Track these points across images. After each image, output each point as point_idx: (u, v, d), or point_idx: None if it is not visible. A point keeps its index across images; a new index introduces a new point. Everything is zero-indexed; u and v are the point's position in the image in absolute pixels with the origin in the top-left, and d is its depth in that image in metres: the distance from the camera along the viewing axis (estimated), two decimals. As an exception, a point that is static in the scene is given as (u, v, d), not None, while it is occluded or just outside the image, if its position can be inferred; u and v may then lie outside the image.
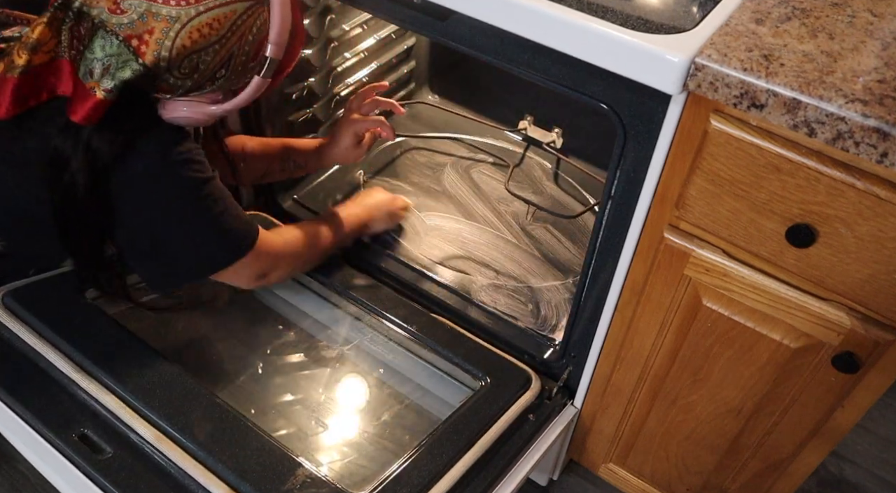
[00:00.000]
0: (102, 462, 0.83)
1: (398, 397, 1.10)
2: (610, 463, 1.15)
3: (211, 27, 0.75)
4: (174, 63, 0.76)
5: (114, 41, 0.74)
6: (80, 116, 0.75)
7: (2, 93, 0.74)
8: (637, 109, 0.75)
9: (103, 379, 0.90)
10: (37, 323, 0.95)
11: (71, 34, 0.74)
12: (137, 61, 0.74)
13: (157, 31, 0.73)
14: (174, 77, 0.77)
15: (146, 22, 0.73)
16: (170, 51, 0.74)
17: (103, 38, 0.74)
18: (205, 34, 0.75)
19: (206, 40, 0.76)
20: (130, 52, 0.74)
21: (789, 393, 0.84)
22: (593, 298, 0.95)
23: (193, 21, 0.74)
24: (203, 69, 0.78)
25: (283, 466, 0.85)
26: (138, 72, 0.74)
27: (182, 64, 0.76)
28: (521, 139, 1.46)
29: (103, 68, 0.74)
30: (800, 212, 0.70)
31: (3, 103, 0.74)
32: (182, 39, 0.74)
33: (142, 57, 0.74)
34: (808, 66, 0.64)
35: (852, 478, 1.32)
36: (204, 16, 0.74)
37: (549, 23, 0.72)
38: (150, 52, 0.74)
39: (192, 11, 0.74)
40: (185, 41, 0.74)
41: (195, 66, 0.77)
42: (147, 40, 0.73)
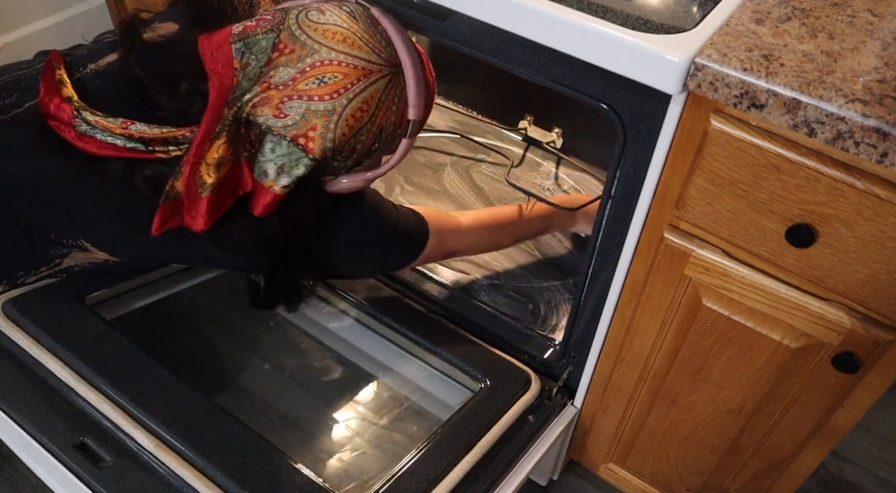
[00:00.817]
0: (101, 471, 0.83)
1: (398, 399, 1.09)
2: (610, 463, 1.15)
3: (362, 110, 0.81)
4: (338, 150, 0.82)
5: (283, 143, 0.80)
6: (260, 211, 0.82)
7: (197, 210, 0.79)
8: (637, 109, 0.75)
9: (102, 387, 0.90)
10: (36, 331, 0.95)
11: (241, 140, 0.80)
12: (308, 157, 0.80)
13: (320, 126, 0.80)
14: (338, 161, 0.84)
15: (308, 120, 0.79)
16: (333, 141, 0.81)
17: (272, 142, 0.80)
18: (358, 118, 0.81)
19: (360, 123, 0.82)
20: (300, 150, 0.80)
21: (789, 393, 0.84)
22: (593, 298, 0.95)
23: (347, 109, 0.80)
24: (360, 148, 0.84)
25: (282, 472, 0.85)
26: (311, 167, 0.81)
27: (343, 149, 0.83)
28: (521, 139, 1.46)
29: (277, 168, 0.80)
30: (800, 212, 0.70)
31: (199, 219, 0.80)
32: (341, 128, 0.81)
33: (311, 153, 0.80)
34: (808, 66, 0.64)
35: (852, 478, 1.32)
36: (354, 102, 0.80)
37: (549, 23, 0.72)
38: (318, 147, 0.80)
39: (343, 101, 0.80)
40: (343, 129, 0.81)
41: (353, 147, 0.83)
42: (312, 136, 0.80)
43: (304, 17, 0.81)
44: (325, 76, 0.79)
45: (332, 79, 0.79)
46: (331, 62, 0.79)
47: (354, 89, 0.80)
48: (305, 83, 0.79)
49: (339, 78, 0.79)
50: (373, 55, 0.81)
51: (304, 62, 0.79)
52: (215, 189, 0.79)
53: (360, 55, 0.80)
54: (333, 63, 0.79)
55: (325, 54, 0.79)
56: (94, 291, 1.04)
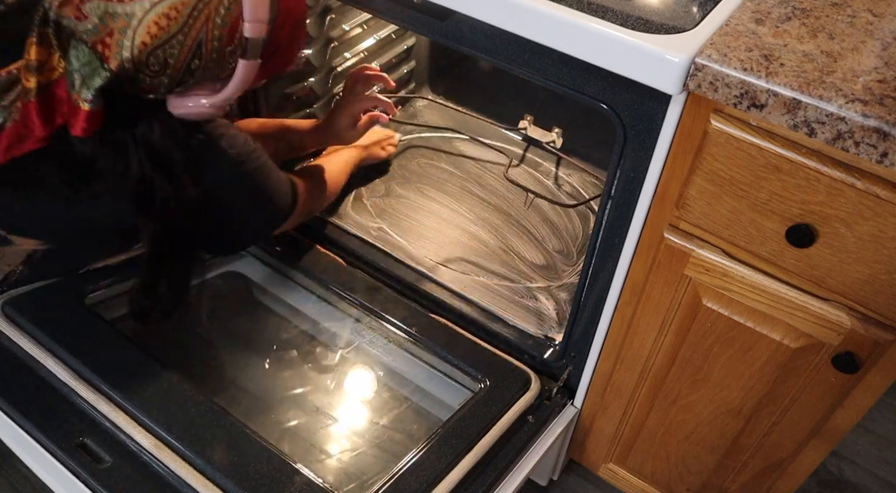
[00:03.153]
0: (101, 471, 0.83)
1: (398, 400, 1.09)
2: (610, 463, 1.15)
3: (169, 18, 0.71)
4: (139, 63, 0.72)
5: (84, 50, 0.71)
6: (78, 129, 0.73)
7: (29, 117, 0.73)
8: (637, 109, 0.75)
9: (102, 387, 0.90)
10: (36, 331, 0.95)
11: (60, 48, 0.72)
12: (104, 67, 0.71)
13: (116, 32, 0.70)
14: (147, 76, 0.74)
15: (106, 25, 0.70)
16: (131, 51, 0.71)
17: (76, 48, 0.71)
18: (163, 26, 0.71)
19: (165, 33, 0.71)
20: (98, 59, 0.71)
21: (789, 393, 0.84)
22: (593, 298, 0.95)
23: (149, 14, 0.70)
24: (174, 63, 0.73)
25: (281, 473, 0.85)
26: (108, 78, 0.71)
27: (148, 61, 0.72)
28: (521, 139, 1.46)
29: (81, 79, 0.72)
30: (800, 212, 0.70)
31: (34, 127, 0.74)
32: (141, 37, 0.70)
33: (107, 62, 0.71)
34: (809, 66, 0.64)
35: (852, 478, 1.32)
36: (159, 6, 0.70)
37: (549, 23, 0.72)
38: (113, 55, 0.70)
39: (146, 4, 0.70)
40: (143, 38, 0.71)
41: (163, 61, 0.73)
42: (109, 43, 0.70)
43: None
44: None
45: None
46: None
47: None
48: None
49: None
50: None
51: None
52: (40, 94, 0.72)
53: None
54: None
55: None
56: (94, 291, 1.04)
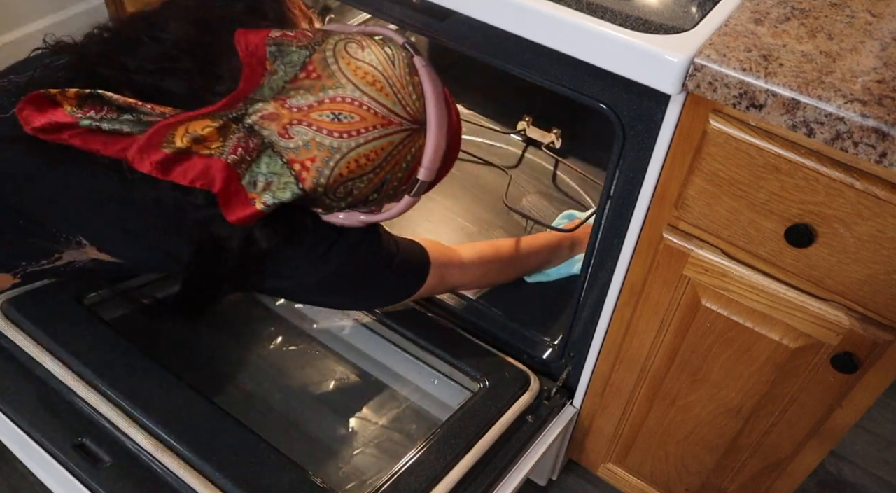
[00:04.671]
0: (100, 472, 0.83)
1: (397, 399, 1.09)
2: (609, 463, 1.15)
3: (368, 158, 0.78)
4: (330, 189, 0.79)
5: (279, 162, 0.77)
6: (236, 218, 0.78)
7: (149, 155, 0.75)
8: (636, 110, 0.75)
9: (102, 388, 0.90)
10: (35, 331, 0.95)
11: (237, 143, 0.77)
12: (298, 186, 0.78)
13: (319, 159, 0.77)
14: (329, 199, 0.81)
15: (310, 150, 0.76)
16: (328, 179, 0.78)
17: (269, 157, 0.77)
18: (361, 165, 0.78)
19: (361, 170, 0.79)
20: (292, 176, 0.77)
21: (788, 393, 0.84)
22: (592, 298, 0.95)
23: (353, 152, 0.77)
24: (356, 194, 0.81)
25: (281, 472, 0.85)
26: (297, 195, 0.78)
27: (338, 189, 0.80)
28: (520, 140, 1.46)
29: (265, 183, 0.78)
30: (799, 212, 0.70)
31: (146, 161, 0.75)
32: (340, 169, 0.78)
33: (302, 182, 0.78)
34: (807, 66, 0.64)
35: (851, 478, 1.32)
36: (363, 147, 0.78)
37: (549, 23, 0.72)
38: (310, 178, 0.77)
39: (352, 143, 0.77)
40: (342, 171, 0.78)
41: (349, 191, 0.81)
42: (308, 167, 0.77)
43: (342, 47, 0.78)
44: (341, 113, 0.76)
45: (347, 118, 0.77)
46: (352, 101, 0.77)
47: (367, 136, 0.77)
48: (320, 114, 0.76)
49: (356, 119, 0.77)
50: (398, 106, 0.79)
51: (326, 93, 0.76)
52: (177, 154, 0.75)
53: (384, 103, 0.78)
54: (355, 103, 0.77)
55: (349, 91, 0.77)
56: (93, 291, 1.04)
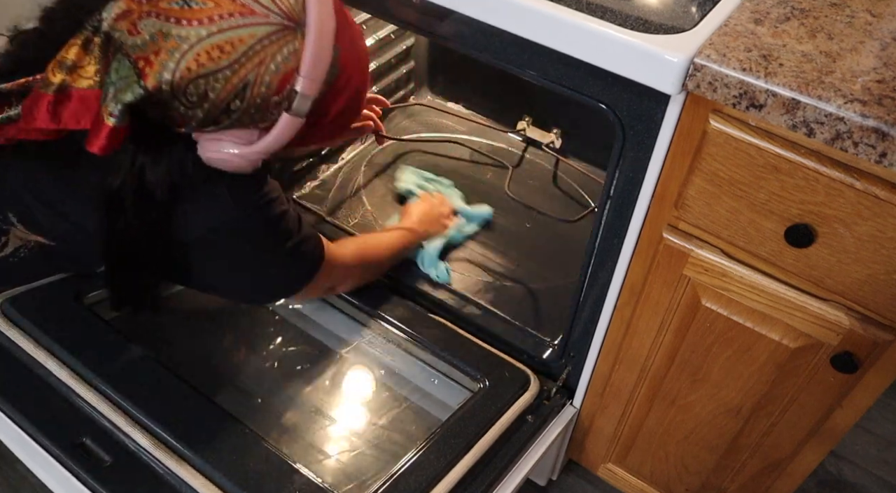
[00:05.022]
0: (101, 471, 0.83)
1: (397, 400, 1.09)
2: (609, 463, 1.15)
3: (222, 50, 0.69)
4: (178, 88, 0.69)
5: (126, 64, 0.68)
6: (96, 146, 0.69)
7: (37, 108, 0.70)
8: (636, 110, 0.75)
9: (101, 387, 0.90)
10: (35, 331, 0.95)
11: (104, 59, 0.70)
12: (139, 84, 0.68)
13: (164, 51, 0.68)
14: (182, 105, 0.70)
15: (156, 42, 0.68)
16: (173, 73, 0.68)
17: (118, 61, 0.69)
18: (213, 57, 0.69)
19: (214, 64, 0.69)
20: (135, 74, 0.68)
21: (788, 393, 0.84)
22: (592, 298, 0.95)
23: (203, 42, 0.68)
24: (213, 98, 0.70)
25: (281, 473, 0.85)
26: (140, 95, 0.68)
27: (187, 89, 0.69)
28: (520, 140, 1.46)
29: (114, 92, 0.69)
30: (799, 212, 0.70)
31: (38, 117, 0.70)
32: (187, 61, 0.68)
33: (144, 79, 0.68)
34: (807, 66, 0.64)
35: (851, 478, 1.32)
36: (216, 37, 0.68)
37: (549, 23, 0.72)
38: (154, 73, 0.68)
39: (203, 32, 0.68)
40: (189, 64, 0.68)
41: (203, 93, 0.70)
42: (152, 61, 0.68)
43: None
44: None
45: (199, 4, 0.68)
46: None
47: (220, 24, 0.68)
48: (169, 2, 0.68)
49: (210, 6, 0.68)
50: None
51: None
52: (59, 91, 0.69)
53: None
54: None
55: None
56: (93, 291, 1.04)
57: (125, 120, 0.68)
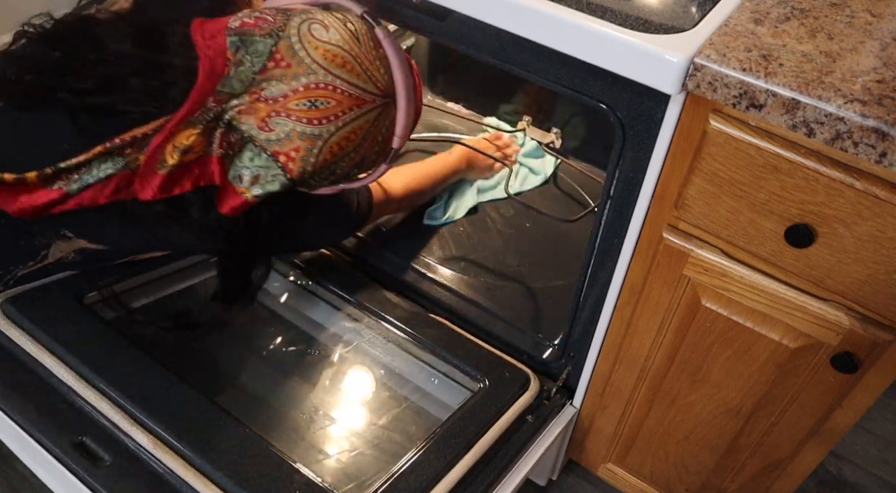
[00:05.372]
0: (100, 470, 0.83)
1: (397, 400, 1.09)
2: (609, 463, 1.15)
3: (348, 140, 0.81)
4: (316, 173, 0.83)
5: (263, 155, 0.80)
6: (228, 210, 0.82)
7: (148, 183, 0.78)
8: (636, 109, 0.75)
9: (101, 387, 0.90)
10: (35, 330, 0.95)
11: (220, 139, 0.79)
12: (286, 176, 0.81)
13: (303, 149, 0.79)
14: (314, 181, 0.85)
15: (292, 140, 0.79)
16: (314, 166, 0.81)
17: (252, 151, 0.80)
18: (343, 147, 0.81)
19: (343, 152, 0.82)
20: (279, 168, 0.80)
21: (788, 393, 0.84)
22: (592, 298, 0.95)
23: (333, 137, 0.80)
24: (339, 173, 0.85)
25: (281, 472, 0.85)
26: (286, 185, 0.81)
27: (322, 173, 0.83)
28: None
29: (252, 177, 0.80)
30: (799, 212, 0.70)
31: (148, 191, 0.78)
32: (324, 155, 0.81)
33: (290, 173, 0.80)
34: (807, 66, 0.64)
35: (851, 478, 1.32)
36: (343, 130, 0.80)
37: (549, 23, 0.72)
38: (297, 168, 0.80)
39: (332, 129, 0.79)
40: (326, 156, 0.81)
41: (333, 171, 0.84)
42: (294, 157, 0.80)
43: (306, 30, 0.79)
44: (317, 100, 0.78)
45: (323, 104, 0.78)
46: (326, 86, 0.78)
47: (345, 119, 0.79)
48: (296, 103, 0.77)
49: (332, 104, 0.78)
50: (369, 84, 0.80)
51: (299, 81, 0.77)
52: (174, 170, 0.77)
53: (356, 83, 0.79)
54: (328, 88, 0.78)
55: (321, 77, 0.78)
56: (93, 291, 1.04)
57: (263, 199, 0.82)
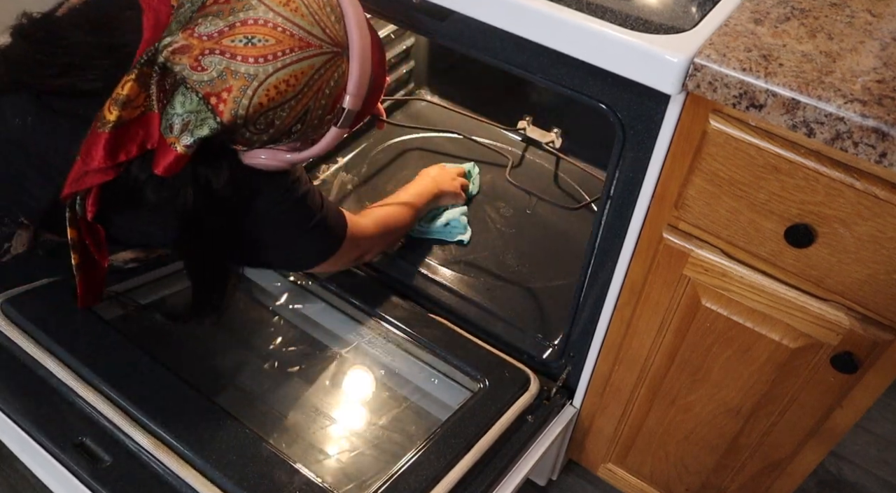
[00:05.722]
0: (100, 471, 0.83)
1: (397, 400, 1.09)
2: (609, 463, 1.15)
3: (287, 84, 0.75)
4: (250, 120, 0.75)
5: (194, 98, 0.74)
6: (162, 168, 0.75)
7: (95, 147, 0.74)
8: (636, 110, 0.75)
9: (101, 387, 0.90)
10: (35, 331, 0.95)
11: (158, 88, 0.75)
12: (215, 119, 0.74)
13: (235, 89, 0.73)
14: (250, 132, 0.77)
15: (225, 79, 0.73)
16: (246, 109, 0.74)
17: (184, 95, 0.74)
18: (281, 91, 0.75)
19: (282, 97, 0.75)
20: (209, 110, 0.74)
21: (788, 393, 0.84)
22: (592, 298, 0.95)
23: (271, 78, 0.74)
24: (279, 125, 0.77)
25: (280, 473, 0.85)
26: (216, 130, 0.74)
27: (258, 120, 0.76)
28: (520, 139, 1.46)
29: (183, 124, 0.74)
30: (799, 212, 0.70)
31: (95, 157, 0.75)
32: (259, 97, 0.74)
33: (220, 115, 0.74)
34: (807, 66, 0.64)
35: (851, 478, 1.32)
36: (281, 72, 0.74)
37: (549, 23, 0.72)
38: (228, 110, 0.74)
39: (269, 68, 0.73)
40: (261, 99, 0.74)
41: (271, 122, 0.77)
42: (225, 98, 0.73)
43: None
44: (254, 37, 0.73)
45: (262, 41, 0.73)
46: (265, 23, 0.73)
47: (284, 59, 0.73)
48: (232, 39, 0.73)
49: (271, 42, 0.73)
50: (315, 28, 0.75)
51: (237, 16, 0.73)
52: (116, 128, 0.73)
53: (300, 24, 0.74)
54: (268, 25, 0.73)
55: (261, 13, 0.73)
56: (93, 291, 1.04)
57: (195, 149, 0.75)
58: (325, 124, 0.81)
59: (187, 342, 1.11)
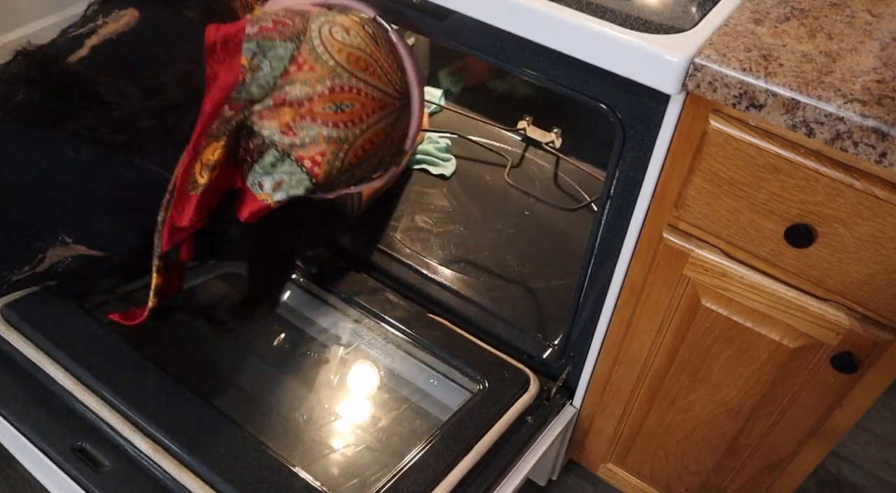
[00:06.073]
0: (100, 476, 0.83)
1: (397, 401, 1.09)
2: (609, 463, 1.15)
3: (372, 143, 0.82)
4: (341, 177, 0.83)
5: (286, 160, 0.80)
6: (246, 217, 0.82)
7: (186, 208, 0.79)
8: (636, 109, 0.75)
9: (101, 392, 0.90)
10: (35, 335, 0.95)
11: (244, 150, 0.80)
12: (311, 181, 0.81)
13: (329, 152, 0.79)
14: (335, 184, 0.85)
15: (317, 144, 0.78)
16: (339, 169, 0.81)
17: (274, 157, 0.80)
18: (367, 150, 0.82)
19: (367, 154, 0.83)
20: (304, 173, 0.80)
21: (788, 393, 0.84)
22: (592, 298, 0.95)
23: (359, 140, 0.81)
24: (359, 175, 0.85)
25: (280, 477, 0.85)
26: (311, 190, 0.81)
27: (346, 175, 0.83)
28: (520, 139, 1.46)
29: (275, 184, 0.81)
30: (799, 212, 0.70)
31: (186, 217, 0.80)
32: (350, 158, 0.81)
33: (315, 177, 0.81)
34: (807, 66, 0.64)
35: (851, 478, 1.32)
36: (368, 133, 0.81)
37: (549, 23, 0.72)
38: (323, 172, 0.80)
39: (357, 131, 0.80)
40: (352, 159, 0.82)
41: (353, 174, 0.84)
42: (319, 161, 0.80)
43: (327, 33, 0.79)
44: (343, 103, 0.78)
45: (349, 107, 0.79)
46: (350, 89, 0.78)
47: (369, 121, 0.80)
48: (322, 106, 0.78)
49: (357, 107, 0.79)
50: (389, 87, 0.82)
51: (325, 84, 0.78)
52: (206, 189, 0.78)
53: (378, 86, 0.80)
54: (353, 91, 0.79)
55: (346, 80, 0.78)
56: (94, 295, 1.04)
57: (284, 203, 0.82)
58: (391, 165, 0.90)
59: (187, 346, 1.11)
